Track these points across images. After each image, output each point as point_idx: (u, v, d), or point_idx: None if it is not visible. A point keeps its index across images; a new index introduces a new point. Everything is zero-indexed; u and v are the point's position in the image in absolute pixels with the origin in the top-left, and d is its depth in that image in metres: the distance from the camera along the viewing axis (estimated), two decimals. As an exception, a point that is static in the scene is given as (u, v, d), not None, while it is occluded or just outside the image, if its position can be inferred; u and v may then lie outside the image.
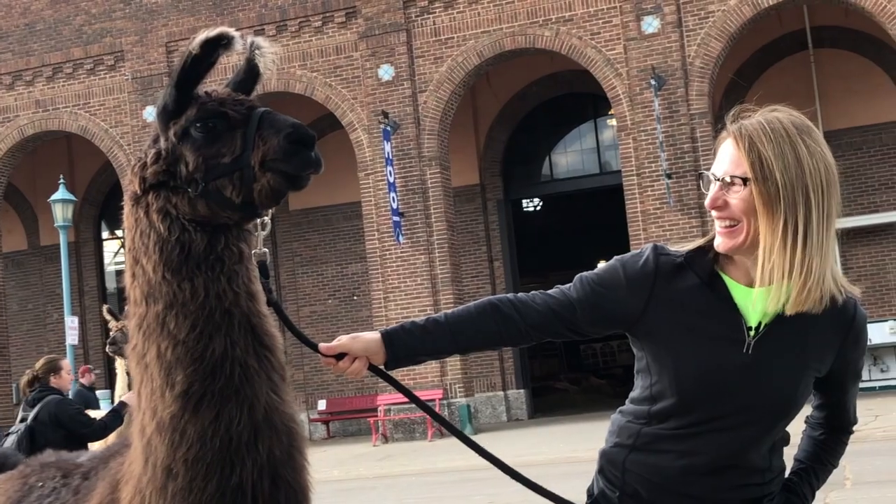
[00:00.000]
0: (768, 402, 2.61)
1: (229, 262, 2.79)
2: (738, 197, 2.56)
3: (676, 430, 2.65)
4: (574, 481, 3.18)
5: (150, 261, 2.80)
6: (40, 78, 27.56)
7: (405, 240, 24.15)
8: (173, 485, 2.78)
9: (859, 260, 24.88)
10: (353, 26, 25.28)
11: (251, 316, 2.82)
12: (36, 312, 31.77)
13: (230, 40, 2.83)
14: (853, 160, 25.18)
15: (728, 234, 2.58)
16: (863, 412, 17.60)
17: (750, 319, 2.61)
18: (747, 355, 2.59)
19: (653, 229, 22.60)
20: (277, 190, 2.75)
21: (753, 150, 2.57)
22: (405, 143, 24.41)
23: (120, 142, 26.70)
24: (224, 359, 2.76)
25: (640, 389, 2.75)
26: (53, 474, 3.41)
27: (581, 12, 23.55)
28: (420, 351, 2.82)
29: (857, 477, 11.94)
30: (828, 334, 2.65)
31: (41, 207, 29.32)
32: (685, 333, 2.62)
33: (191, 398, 2.76)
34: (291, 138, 2.72)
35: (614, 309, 2.72)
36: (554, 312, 2.78)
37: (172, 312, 2.77)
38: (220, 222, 2.78)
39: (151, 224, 2.80)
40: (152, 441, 2.82)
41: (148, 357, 2.82)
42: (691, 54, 22.86)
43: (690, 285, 2.65)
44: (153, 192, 2.82)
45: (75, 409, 9.32)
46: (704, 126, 22.76)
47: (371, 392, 26.20)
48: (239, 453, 2.77)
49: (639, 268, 2.70)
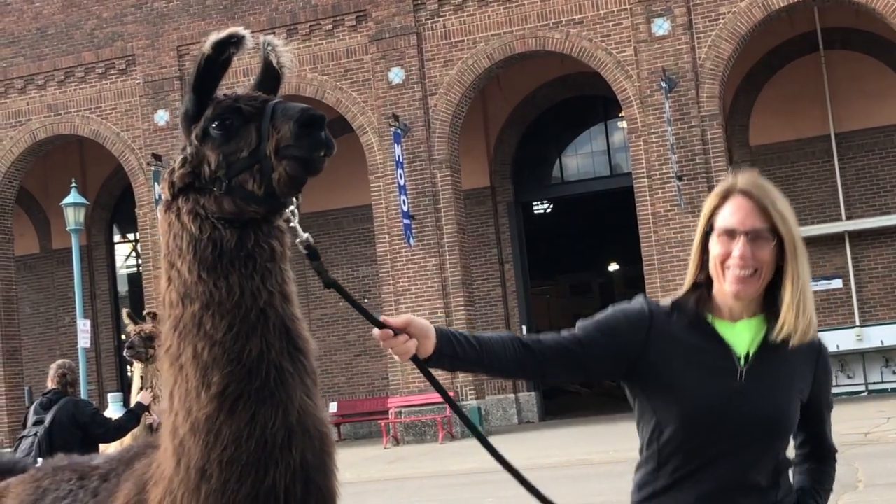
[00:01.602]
0: (764, 424, 2.84)
1: (261, 259, 2.82)
2: (766, 249, 2.82)
3: (687, 465, 2.85)
4: (585, 484, 3.19)
5: (184, 262, 2.84)
6: (52, 82, 27.65)
7: (416, 242, 24.16)
8: (207, 486, 2.79)
9: (871, 262, 24.81)
10: (363, 30, 25.31)
11: (286, 318, 2.85)
12: (48, 316, 31.85)
13: (240, 39, 2.86)
14: (864, 162, 25.14)
15: (747, 282, 2.83)
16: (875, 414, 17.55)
17: (738, 350, 2.88)
18: (741, 382, 2.84)
19: (663, 231, 22.58)
20: (294, 176, 2.76)
21: (775, 207, 2.83)
22: (416, 146, 24.43)
23: (131, 145, 26.77)
24: (260, 360, 2.79)
25: (647, 433, 2.94)
26: (68, 477, 3.41)
27: (591, 15, 23.54)
28: (458, 354, 2.86)
29: (869, 479, 11.92)
30: (804, 362, 2.93)
31: (53, 211, 29.39)
32: (684, 366, 2.86)
33: (227, 399, 2.78)
34: (300, 122, 2.75)
35: (619, 344, 2.93)
36: (566, 349, 2.95)
37: (209, 312, 2.80)
38: (248, 217, 2.81)
39: (183, 226, 2.86)
40: (185, 442, 2.82)
41: (183, 358, 2.84)
42: (702, 56, 22.84)
43: (681, 325, 2.91)
44: (182, 195, 2.89)
45: (93, 410, 9.42)
46: (715, 128, 22.73)
47: (382, 395, 26.21)
48: (273, 456, 2.78)
49: (636, 310, 2.96)
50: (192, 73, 2.88)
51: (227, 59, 2.87)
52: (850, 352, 23.60)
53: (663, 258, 22.48)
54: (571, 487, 12.04)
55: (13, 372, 27.65)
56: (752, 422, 2.82)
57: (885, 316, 24.45)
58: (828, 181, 25.29)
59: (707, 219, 2.93)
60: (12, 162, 27.85)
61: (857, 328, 23.96)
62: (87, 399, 9.87)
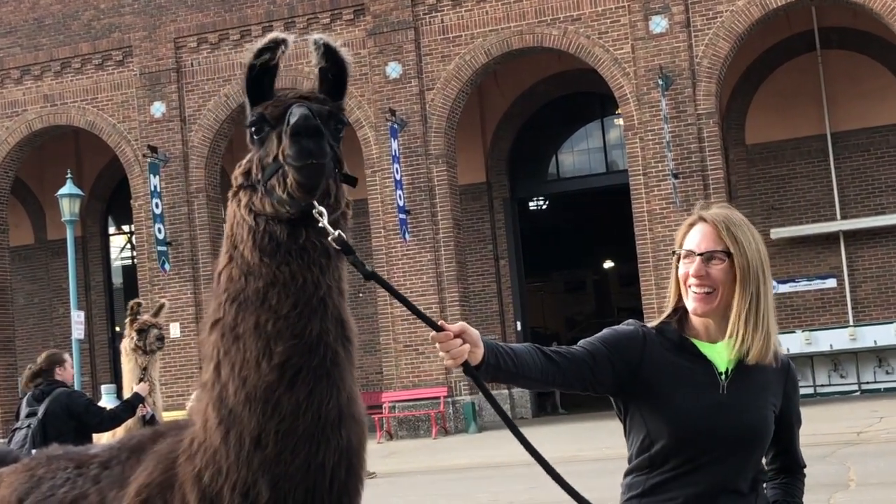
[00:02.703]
0: (745, 433, 3.12)
1: (314, 254, 2.92)
2: (718, 269, 3.13)
3: (676, 470, 3.10)
4: (576, 480, 3.21)
5: (246, 246, 2.96)
6: (48, 73, 27.60)
7: (411, 237, 24.17)
8: (261, 455, 2.85)
9: (865, 262, 24.84)
10: (361, 23, 25.30)
11: (341, 311, 2.98)
12: (42, 307, 31.83)
13: (277, 43, 2.96)
14: (860, 161, 25.16)
15: (704, 300, 3.14)
16: (867, 414, 17.59)
17: (720, 367, 3.16)
18: (724, 395, 3.13)
19: (659, 229, 22.60)
20: (300, 183, 2.85)
21: (730, 232, 3.15)
22: (412, 141, 24.43)
23: (127, 137, 26.74)
24: (319, 341, 2.90)
25: (637, 443, 3.18)
26: (64, 465, 3.42)
27: (589, 11, 23.54)
28: (500, 365, 2.98)
29: (861, 478, 11.95)
30: (775, 379, 3.23)
31: (48, 202, 29.35)
32: (674, 382, 3.13)
33: (287, 370, 2.87)
34: (289, 133, 2.83)
35: (619, 361, 3.15)
36: (582, 361, 3.14)
37: (275, 290, 2.90)
38: (284, 218, 2.92)
39: (243, 217, 2.99)
40: (237, 412, 2.88)
41: (241, 328, 2.92)
42: (699, 54, 22.85)
43: (668, 346, 3.19)
44: (242, 190, 3.03)
45: (87, 400, 9.40)
46: (711, 126, 22.74)
47: (376, 389, 26.23)
48: (325, 433, 2.88)
49: (630, 330, 3.22)
50: (243, 83, 3.03)
51: (273, 63, 2.97)
52: (843, 351, 23.63)
53: (658, 256, 22.49)
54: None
55: (6, 363, 27.63)
56: (736, 430, 3.10)
57: (878, 316, 24.48)
58: (823, 180, 25.31)
59: (679, 245, 3.24)
60: (8, 152, 27.81)
61: (850, 328, 23.99)
62: (80, 390, 9.80)
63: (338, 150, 3.01)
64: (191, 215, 26.08)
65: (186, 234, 26.02)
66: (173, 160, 26.10)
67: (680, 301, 3.22)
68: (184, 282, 25.87)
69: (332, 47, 3.03)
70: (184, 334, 25.50)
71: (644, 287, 22.88)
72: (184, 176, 26.11)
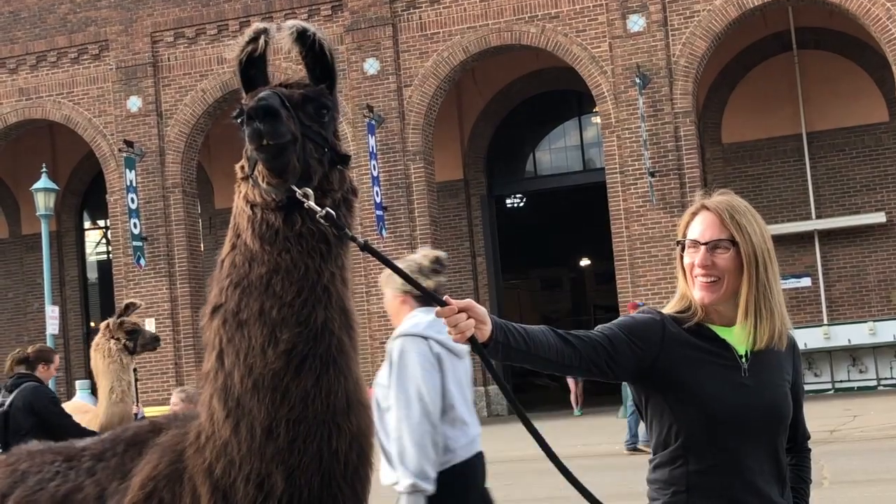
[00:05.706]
0: (772, 413, 3.14)
1: (311, 240, 2.93)
2: (724, 257, 3.10)
3: (715, 458, 3.06)
4: (551, 478, 3.22)
5: (247, 234, 2.98)
6: (24, 66, 27.40)
7: (388, 234, 24.14)
8: (273, 446, 2.82)
9: (840, 261, 24.98)
10: (338, 19, 25.25)
11: (345, 300, 2.98)
12: (16, 301, 31.62)
13: (259, 33, 3.06)
14: (835, 161, 25.30)
15: (710, 289, 3.11)
16: (841, 412, 17.63)
17: (739, 349, 3.14)
18: (747, 377, 3.12)
19: (635, 227, 22.66)
20: (265, 165, 2.89)
21: (734, 219, 3.13)
22: (389, 138, 24.40)
23: (103, 131, 26.58)
24: (324, 329, 2.89)
25: (664, 433, 3.13)
26: (51, 459, 3.36)
27: (567, 10, 23.56)
28: (510, 343, 2.89)
29: (834, 476, 12.01)
30: (785, 357, 3.24)
31: (23, 196, 29.16)
32: (696, 368, 3.10)
33: (294, 357, 2.85)
34: (245, 117, 2.87)
35: (639, 347, 3.10)
36: (600, 345, 3.07)
37: (278, 277, 2.90)
38: (273, 206, 2.94)
39: (242, 207, 3.03)
40: (245, 402, 2.85)
41: (245, 314, 2.90)
42: (676, 53, 22.91)
43: (687, 332, 3.15)
44: (242, 182, 3.07)
45: (51, 398, 9.21)
46: (688, 125, 22.82)
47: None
48: (336, 421, 2.86)
49: (649, 318, 3.19)
50: (238, 77, 3.12)
51: (257, 55, 3.05)
52: (817, 350, 23.75)
53: (634, 254, 22.56)
54: (538, 480, 12.09)
55: (-20, 357, 27.44)
56: (760, 411, 3.10)
57: (852, 315, 24.63)
58: (798, 180, 25.44)
59: (682, 234, 3.21)
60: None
61: (824, 326, 24.11)
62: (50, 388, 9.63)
63: (325, 132, 3.05)
64: (167, 210, 25.96)
65: (162, 230, 25.90)
66: (149, 155, 25.97)
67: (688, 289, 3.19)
68: (159, 277, 25.75)
69: (305, 31, 3.06)
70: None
71: (620, 285, 22.93)
72: (160, 171, 25.99)
